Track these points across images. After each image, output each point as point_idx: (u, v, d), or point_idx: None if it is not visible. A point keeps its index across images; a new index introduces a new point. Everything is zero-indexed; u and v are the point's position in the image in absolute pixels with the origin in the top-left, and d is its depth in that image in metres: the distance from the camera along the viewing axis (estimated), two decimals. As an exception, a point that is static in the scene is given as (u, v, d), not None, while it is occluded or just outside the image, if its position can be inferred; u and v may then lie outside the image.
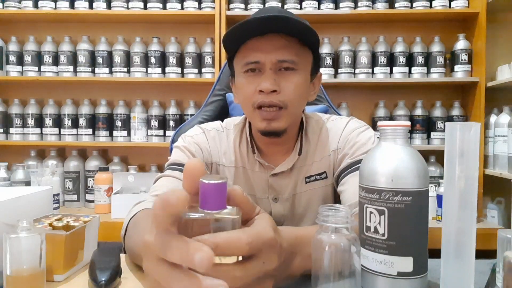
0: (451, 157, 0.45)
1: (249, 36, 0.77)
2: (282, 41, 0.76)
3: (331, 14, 2.15)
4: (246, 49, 0.78)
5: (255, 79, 0.78)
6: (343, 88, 2.31)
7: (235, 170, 0.89)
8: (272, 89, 0.76)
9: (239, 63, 0.81)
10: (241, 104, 0.84)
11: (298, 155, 0.86)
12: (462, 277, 0.45)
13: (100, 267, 0.53)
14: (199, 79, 2.20)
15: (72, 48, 2.27)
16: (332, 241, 0.39)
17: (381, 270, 0.49)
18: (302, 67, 0.80)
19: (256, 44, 0.77)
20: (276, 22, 0.74)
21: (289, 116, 0.79)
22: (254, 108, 0.78)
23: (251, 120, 0.83)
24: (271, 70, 0.77)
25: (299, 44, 0.78)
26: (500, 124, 1.94)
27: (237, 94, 0.86)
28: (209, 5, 2.18)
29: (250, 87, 0.78)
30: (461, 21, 2.24)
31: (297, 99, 0.79)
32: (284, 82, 0.77)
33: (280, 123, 0.78)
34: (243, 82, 0.80)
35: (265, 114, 0.77)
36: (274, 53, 0.76)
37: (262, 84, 0.76)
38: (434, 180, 2.06)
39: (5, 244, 0.50)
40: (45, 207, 0.70)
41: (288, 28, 0.75)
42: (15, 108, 2.28)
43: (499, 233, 0.50)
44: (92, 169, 2.22)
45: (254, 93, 0.77)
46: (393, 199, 0.48)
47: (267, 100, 0.76)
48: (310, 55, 0.82)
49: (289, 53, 0.77)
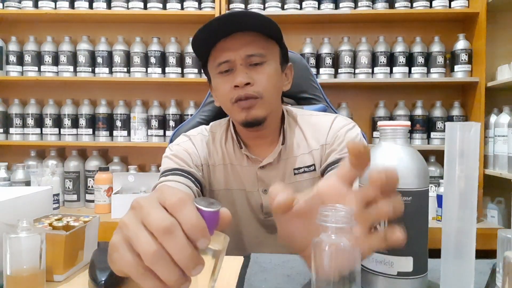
0: (451, 157, 0.45)
1: (216, 39, 0.82)
2: (247, 37, 0.81)
3: (331, 14, 2.14)
4: (215, 51, 0.83)
5: (229, 77, 0.83)
6: (343, 88, 2.31)
7: (224, 168, 0.92)
8: (245, 82, 0.80)
9: (212, 66, 0.86)
10: (221, 103, 0.89)
11: (282, 145, 0.89)
12: (462, 277, 0.45)
13: (100, 267, 0.53)
14: (199, 79, 2.20)
15: (72, 48, 2.27)
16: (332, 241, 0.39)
17: (381, 270, 0.49)
18: (271, 59, 0.84)
19: (224, 44, 0.82)
20: (237, 20, 0.79)
21: (266, 104, 0.83)
22: (232, 103, 0.83)
23: (232, 116, 0.88)
24: (242, 65, 0.81)
25: (264, 38, 0.83)
26: (500, 124, 1.94)
27: (216, 96, 0.90)
28: (209, 5, 2.18)
29: (226, 85, 0.83)
30: (461, 21, 2.24)
31: (271, 89, 0.84)
32: (256, 74, 0.82)
33: (258, 111, 0.82)
34: (218, 82, 0.85)
35: (242, 104, 0.82)
36: (242, 49, 0.81)
37: (236, 79, 0.81)
38: (434, 180, 2.06)
39: (5, 244, 0.50)
40: (45, 207, 0.70)
41: (250, 24, 0.80)
42: (15, 108, 2.28)
43: (499, 233, 0.50)
44: (92, 169, 2.22)
45: (231, 90, 0.82)
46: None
47: (243, 93, 0.81)
48: (276, 47, 0.87)
49: (256, 47, 0.82)
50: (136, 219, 0.36)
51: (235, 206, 0.91)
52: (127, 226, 0.36)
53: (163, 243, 0.34)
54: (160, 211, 0.35)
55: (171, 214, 0.35)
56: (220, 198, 0.92)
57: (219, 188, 0.92)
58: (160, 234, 0.34)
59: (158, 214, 0.35)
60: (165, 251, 0.34)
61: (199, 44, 0.83)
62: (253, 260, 0.64)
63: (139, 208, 0.36)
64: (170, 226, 0.34)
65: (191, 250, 0.34)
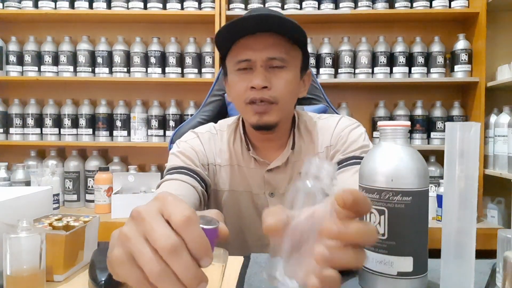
0: (451, 157, 0.45)
1: (240, 35, 0.80)
2: (272, 39, 0.80)
3: (331, 14, 2.14)
4: (237, 47, 0.82)
5: (247, 76, 0.81)
6: (343, 88, 2.31)
7: (231, 169, 0.91)
8: (263, 85, 0.79)
9: (231, 62, 0.84)
10: (234, 101, 0.87)
11: (291, 150, 0.88)
12: (462, 277, 0.45)
13: (100, 267, 0.53)
14: (199, 79, 2.20)
15: (72, 48, 2.27)
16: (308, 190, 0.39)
17: (381, 270, 0.49)
18: (292, 64, 0.83)
19: (247, 42, 0.80)
20: (266, 21, 0.77)
21: (280, 111, 0.82)
22: (246, 103, 0.81)
23: (244, 116, 0.86)
24: (262, 67, 0.80)
25: (288, 42, 0.81)
26: (500, 124, 1.94)
27: (230, 92, 0.89)
28: (209, 5, 2.18)
29: (242, 84, 0.81)
30: (461, 21, 2.24)
31: (287, 95, 0.82)
32: (274, 78, 0.80)
33: (271, 117, 0.81)
34: (235, 79, 0.83)
35: (256, 108, 0.80)
36: (264, 51, 0.79)
37: (254, 80, 0.79)
38: (434, 180, 2.06)
39: (5, 244, 0.50)
40: (45, 207, 0.70)
41: (278, 27, 0.78)
42: (15, 108, 2.28)
43: (499, 233, 0.50)
44: (92, 169, 2.22)
45: (246, 90, 0.81)
46: (393, 199, 0.48)
47: (259, 96, 0.79)
48: (299, 53, 0.85)
49: (279, 51, 0.80)
50: (138, 233, 0.35)
51: (240, 207, 0.91)
52: (129, 239, 0.35)
53: (169, 262, 0.33)
54: (164, 227, 0.34)
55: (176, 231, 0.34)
56: (225, 198, 0.92)
57: (224, 188, 0.91)
58: (166, 253, 0.33)
59: (162, 231, 0.34)
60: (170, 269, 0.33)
61: (223, 37, 0.80)
62: (253, 260, 0.64)
63: (141, 220, 0.35)
64: (175, 245, 0.33)
65: (196, 269, 0.34)
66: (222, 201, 0.92)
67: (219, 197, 0.92)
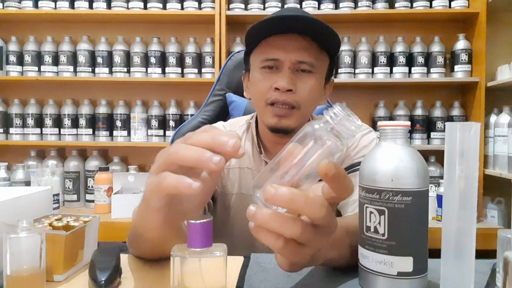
0: (451, 157, 0.45)
1: (271, 33, 0.77)
2: (303, 42, 0.77)
3: (331, 14, 2.14)
4: (266, 45, 0.79)
5: (272, 76, 0.78)
6: (343, 88, 2.30)
7: (240, 171, 0.89)
8: (288, 88, 0.76)
9: (257, 58, 0.81)
10: (253, 99, 0.84)
11: None
12: (462, 277, 0.45)
13: (100, 267, 0.53)
14: (199, 79, 2.20)
15: (72, 48, 2.27)
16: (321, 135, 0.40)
17: (381, 270, 0.49)
18: (319, 71, 0.80)
19: (277, 41, 0.78)
20: (300, 22, 0.75)
21: (300, 116, 0.80)
22: (267, 104, 0.79)
23: (262, 116, 0.83)
24: (289, 69, 0.77)
25: (318, 47, 0.79)
26: (500, 124, 1.94)
27: (250, 89, 0.86)
28: (209, 5, 2.18)
29: (266, 83, 0.79)
30: (461, 21, 2.24)
31: (310, 101, 0.80)
32: (300, 83, 0.78)
33: (290, 121, 0.79)
34: (259, 77, 0.81)
35: (277, 111, 0.78)
36: (294, 53, 0.77)
37: (279, 82, 0.76)
38: (434, 180, 2.06)
39: (5, 244, 0.50)
40: (45, 207, 0.70)
41: (311, 30, 0.76)
42: (15, 108, 2.28)
43: (499, 233, 0.50)
44: (92, 169, 2.22)
45: (269, 90, 0.78)
46: (393, 199, 0.48)
47: (281, 98, 0.77)
48: (327, 60, 0.83)
49: (309, 55, 0.78)
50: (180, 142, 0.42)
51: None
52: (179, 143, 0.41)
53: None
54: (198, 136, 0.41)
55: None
56: (233, 201, 0.90)
57: (232, 191, 0.89)
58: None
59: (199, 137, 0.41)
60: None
61: (255, 33, 0.78)
62: (253, 260, 0.64)
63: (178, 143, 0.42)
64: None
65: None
66: (230, 204, 0.90)
67: (228, 200, 0.90)
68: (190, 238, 0.42)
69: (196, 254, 0.42)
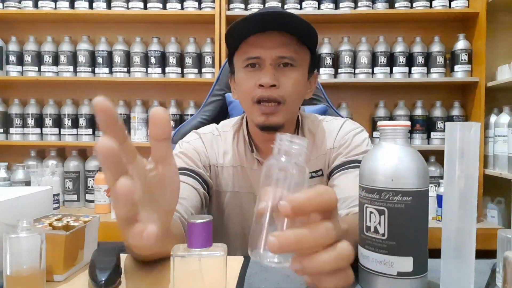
0: (451, 157, 0.45)
1: (250, 32, 0.79)
2: (282, 38, 0.79)
3: (331, 14, 2.14)
4: (247, 45, 0.81)
5: (255, 74, 0.80)
6: (343, 88, 2.31)
7: (234, 170, 0.90)
8: (271, 83, 0.78)
9: (239, 59, 0.83)
10: (240, 99, 0.86)
11: None
12: (462, 277, 0.45)
13: (100, 267, 0.53)
14: (199, 79, 2.20)
15: (72, 48, 2.27)
16: (282, 166, 0.40)
17: (381, 270, 0.49)
18: (300, 65, 0.82)
19: (257, 40, 0.79)
20: (277, 19, 0.77)
21: (287, 111, 0.81)
22: (253, 102, 0.80)
23: (250, 115, 0.85)
24: (271, 65, 0.79)
25: (298, 42, 0.81)
26: (500, 124, 1.94)
27: (237, 90, 0.88)
28: (209, 5, 2.18)
29: (250, 81, 0.80)
30: (461, 21, 2.24)
31: (295, 95, 0.82)
32: (283, 77, 0.80)
33: (278, 117, 0.80)
34: (243, 77, 0.82)
35: (264, 109, 0.80)
36: (274, 49, 0.79)
37: (262, 78, 0.78)
38: (434, 180, 2.06)
39: (5, 244, 0.50)
40: (45, 207, 0.70)
41: (289, 26, 0.78)
42: (15, 108, 2.28)
43: (499, 233, 0.50)
44: (92, 169, 2.22)
45: (254, 88, 0.80)
46: (393, 199, 0.48)
47: (266, 94, 0.79)
48: (308, 54, 0.85)
49: (289, 50, 0.79)
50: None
51: (242, 208, 0.90)
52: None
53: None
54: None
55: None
56: (227, 199, 0.91)
57: (226, 190, 0.91)
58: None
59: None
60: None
61: (233, 34, 0.80)
62: (253, 260, 0.64)
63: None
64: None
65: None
66: (224, 202, 0.91)
67: (222, 198, 0.91)
68: (190, 238, 0.42)
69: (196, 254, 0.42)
